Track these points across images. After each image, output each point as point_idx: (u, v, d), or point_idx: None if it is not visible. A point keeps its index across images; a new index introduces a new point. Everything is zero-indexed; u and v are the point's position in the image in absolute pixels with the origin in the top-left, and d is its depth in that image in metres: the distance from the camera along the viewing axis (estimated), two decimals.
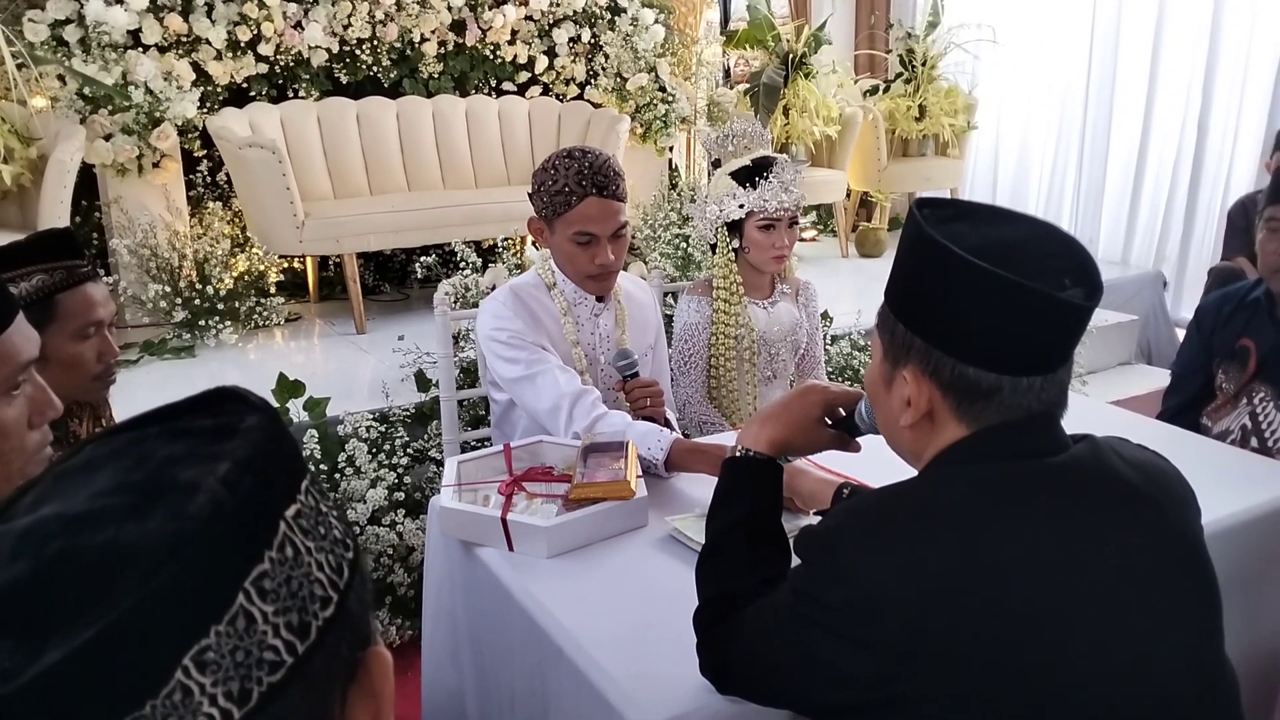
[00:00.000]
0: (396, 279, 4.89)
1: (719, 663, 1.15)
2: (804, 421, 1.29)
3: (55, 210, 3.43)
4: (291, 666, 0.48)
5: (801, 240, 5.83)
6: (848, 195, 5.68)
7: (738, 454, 1.27)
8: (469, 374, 2.87)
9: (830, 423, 1.31)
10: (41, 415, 1.09)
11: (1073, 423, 1.05)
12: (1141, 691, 0.95)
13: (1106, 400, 3.72)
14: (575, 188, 1.94)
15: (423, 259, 3.50)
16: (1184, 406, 2.42)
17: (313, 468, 2.67)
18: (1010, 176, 6.10)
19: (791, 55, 5.28)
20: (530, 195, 2.03)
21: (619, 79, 4.94)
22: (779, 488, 1.26)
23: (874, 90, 5.79)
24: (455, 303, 2.46)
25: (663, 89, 4.97)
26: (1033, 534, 0.95)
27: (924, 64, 5.57)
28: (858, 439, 1.31)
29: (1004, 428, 1.00)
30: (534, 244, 3.96)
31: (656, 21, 4.98)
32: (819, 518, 1.51)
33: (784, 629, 1.03)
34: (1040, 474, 0.98)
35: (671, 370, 2.42)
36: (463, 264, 3.18)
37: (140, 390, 3.35)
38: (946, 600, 0.91)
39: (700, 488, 1.73)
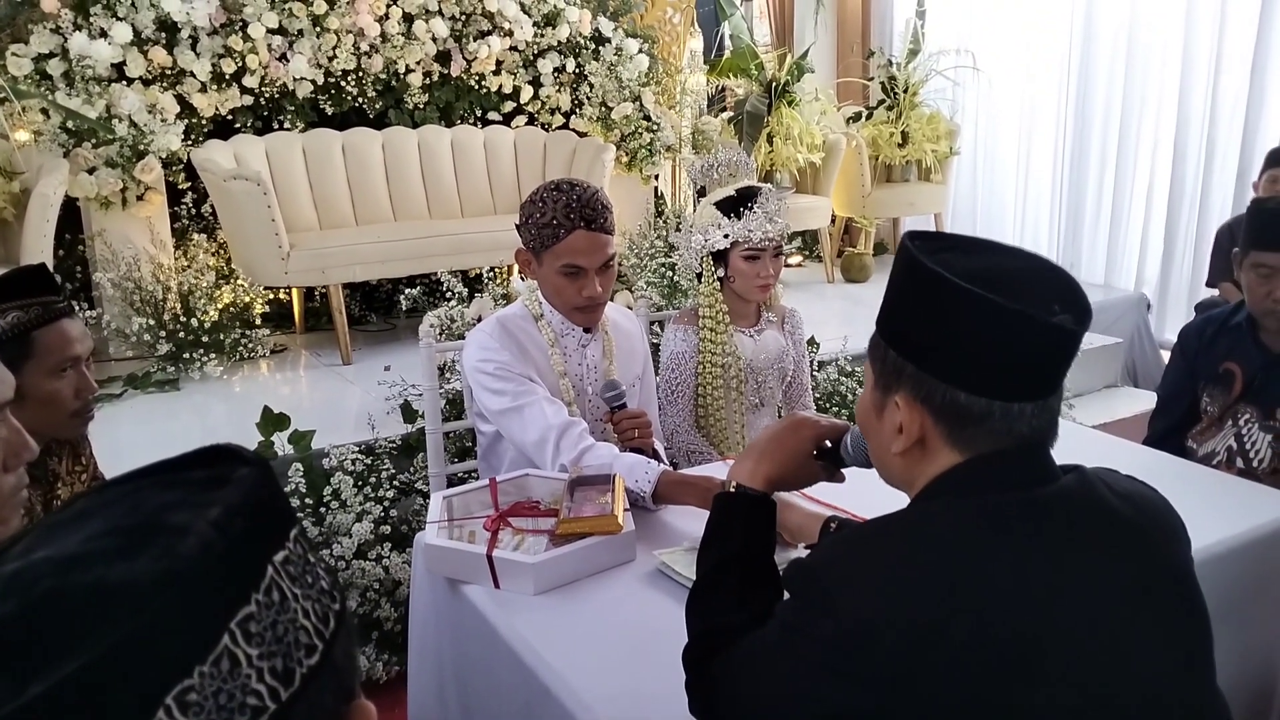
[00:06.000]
0: (383, 309, 4.88)
1: (709, 700, 1.13)
2: (797, 457, 1.28)
3: (38, 244, 3.41)
4: (274, 713, 0.48)
5: (787, 266, 5.84)
6: (833, 221, 5.71)
7: (730, 489, 1.26)
8: (455, 405, 2.85)
9: (816, 453, 1.31)
10: (16, 458, 1.08)
11: (1059, 448, 1.05)
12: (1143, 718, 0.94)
13: (1093, 423, 3.73)
14: (564, 220, 1.94)
15: (408, 291, 3.49)
16: (1170, 429, 2.43)
17: (298, 501, 2.66)
18: (992, 201, 6.15)
19: (775, 83, 5.32)
20: (518, 227, 2.03)
21: (604, 108, 4.97)
22: (772, 524, 1.25)
23: (857, 117, 5.83)
24: (440, 334, 2.45)
25: (647, 118, 5.00)
26: (1020, 567, 0.94)
27: (905, 91, 5.62)
28: (843, 470, 1.30)
29: (994, 457, 1.00)
30: (520, 275, 3.96)
31: (640, 51, 5.02)
32: (807, 551, 1.50)
33: (773, 663, 1.02)
34: (1028, 506, 0.98)
35: (659, 399, 2.41)
36: (448, 294, 3.17)
37: (124, 424, 3.32)
38: (934, 633, 0.91)
39: (688, 520, 1.72)
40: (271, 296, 4.48)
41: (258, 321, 4.11)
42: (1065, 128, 5.59)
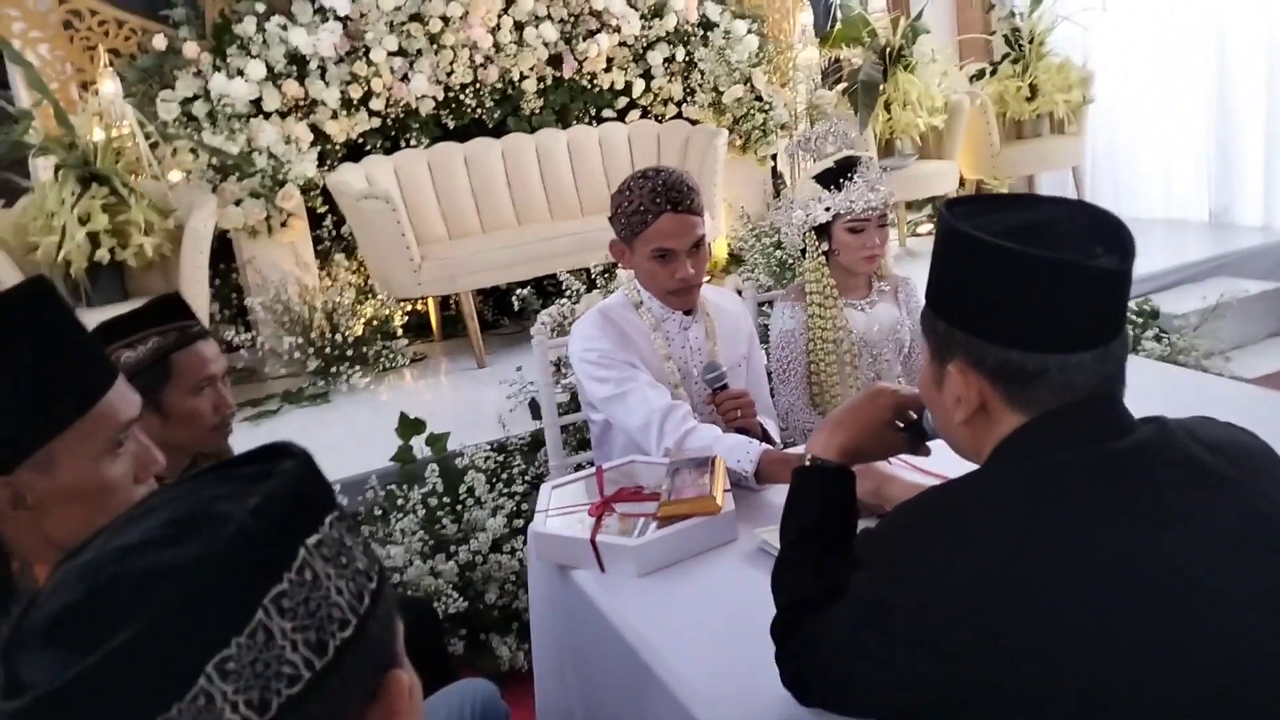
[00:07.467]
0: (516, 313, 5.01)
1: (797, 674, 1.14)
2: (874, 427, 1.28)
3: (194, 275, 3.69)
4: (309, 681, 0.53)
5: (917, 236, 5.70)
6: (961, 184, 5.52)
7: (807, 463, 1.27)
8: (577, 399, 2.92)
9: (902, 425, 1.30)
10: (146, 470, 1.18)
11: (1199, 403, 1.02)
12: (1233, 682, 0.90)
13: (1254, 375, 3.50)
14: (650, 206, 1.97)
15: (518, 291, 3.60)
16: None
17: (435, 500, 2.79)
18: (1135, 147, 5.79)
19: (889, 49, 5.19)
20: (610, 219, 2.07)
21: (715, 93, 4.96)
22: (851, 495, 1.25)
23: (980, 74, 5.62)
24: (552, 331, 2.53)
25: (759, 98, 4.96)
26: (1094, 524, 0.91)
27: (1031, 41, 5.38)
28: (928, 443, 1.29)
29: (1059, 413, 0.97)
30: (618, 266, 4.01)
31: (749, 32, 4.99)
32: None
33: (850, 635, 1.02)
34: (1100, 462, 0.94)
35: (771, 379, 2.41)
36: (567, 291, 3.25)
37: (281, 437, 3.53)
38: (1005, 597, 0.89)
39: None
40: (410, 308, 4.69)
41: (398, 333, 4.32)
42: (1209, 61, 5.21)
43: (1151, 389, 1.45)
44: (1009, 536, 0.92)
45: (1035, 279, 0.93)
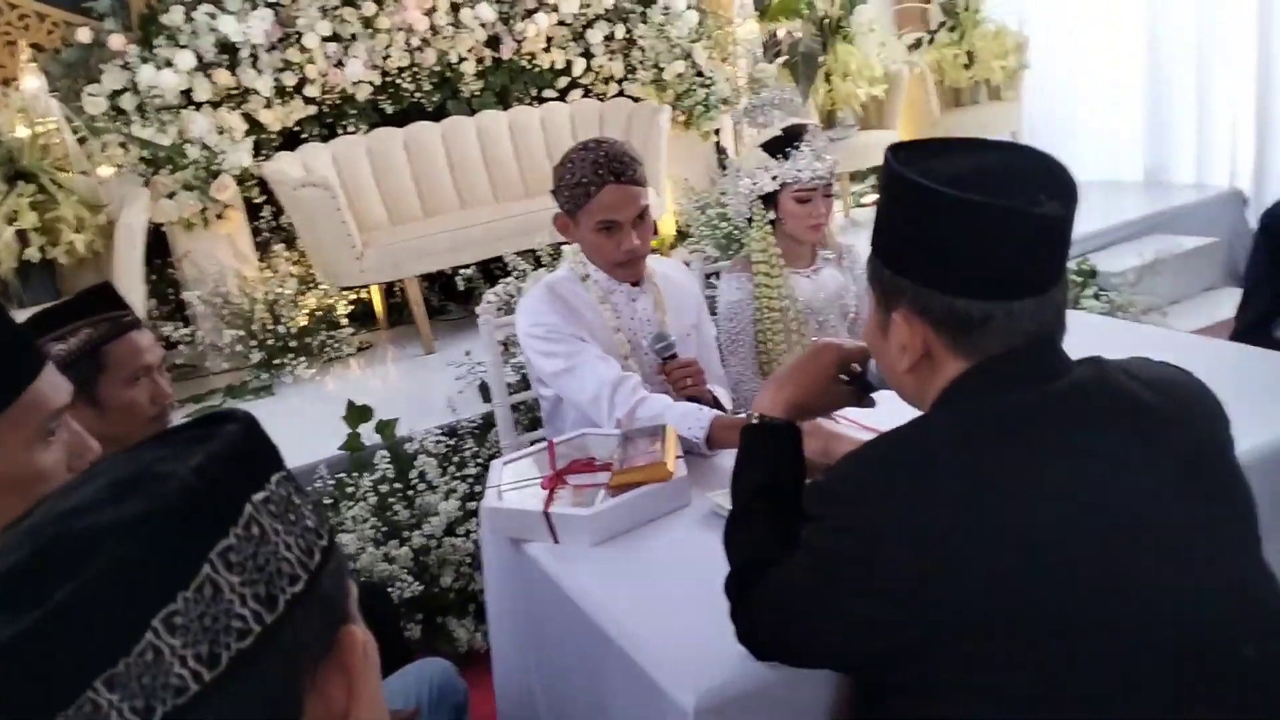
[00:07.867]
0: (463, 298, 4.97)
1: (751, 629, 1.15)
2: (819, 382, 1.28)
3: (129, 271, 3.59)
4: (260, 635, 0.53)
5: (861, 206, 5.74)
6: None
7: (754, 421, 1.27)
8: (526, 378, 2.90)
9: (847, 379, 1.31)
10: (80, 458, 1.15)
11: (1141, 354, 1.05)
12: (1175, 606, 0.91)
13: (1192, 328, 3.58)
14: (593, 178, 1.96)
15: (461, 272, 3.57)
16: (1258, 321, 2.32)
17: (386, 486, 2.76)
18: (1070, 111, 5.87)
19: (827, 20, 5.21)
20: (553, 192, 2.05)
21: (656, 70, 4.95)
22: (799, 451, 1.26)
23: (918, 44, 5.66)
24: (499, 310, 2.50)
25: (700, 73, 4.96)
26: (1035, 463, 0.93)
27: (967, 9, 5.43)
28: (873, 394, 1.30)
29: (1000, 358, 0.98)
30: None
31: (689, 7, 4.97)
32: None
33: (802, 587, 1.03)
34: (1038, 402, 0.96)
35: (720, 350, 2.42)
36: (513, 271, 3.22)
37: None
38: (951, 540, 0.90)
39: None
40: (355, 297, 4.62)
41: (343, 322, 4.26)
42: (1140, 23, 5.30)
43: (1093, 341, 1.47)
44: (954, 479, 0.93)
45: (982, 227, 0.93)
